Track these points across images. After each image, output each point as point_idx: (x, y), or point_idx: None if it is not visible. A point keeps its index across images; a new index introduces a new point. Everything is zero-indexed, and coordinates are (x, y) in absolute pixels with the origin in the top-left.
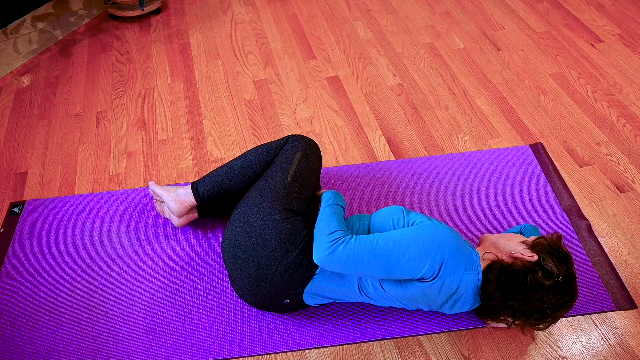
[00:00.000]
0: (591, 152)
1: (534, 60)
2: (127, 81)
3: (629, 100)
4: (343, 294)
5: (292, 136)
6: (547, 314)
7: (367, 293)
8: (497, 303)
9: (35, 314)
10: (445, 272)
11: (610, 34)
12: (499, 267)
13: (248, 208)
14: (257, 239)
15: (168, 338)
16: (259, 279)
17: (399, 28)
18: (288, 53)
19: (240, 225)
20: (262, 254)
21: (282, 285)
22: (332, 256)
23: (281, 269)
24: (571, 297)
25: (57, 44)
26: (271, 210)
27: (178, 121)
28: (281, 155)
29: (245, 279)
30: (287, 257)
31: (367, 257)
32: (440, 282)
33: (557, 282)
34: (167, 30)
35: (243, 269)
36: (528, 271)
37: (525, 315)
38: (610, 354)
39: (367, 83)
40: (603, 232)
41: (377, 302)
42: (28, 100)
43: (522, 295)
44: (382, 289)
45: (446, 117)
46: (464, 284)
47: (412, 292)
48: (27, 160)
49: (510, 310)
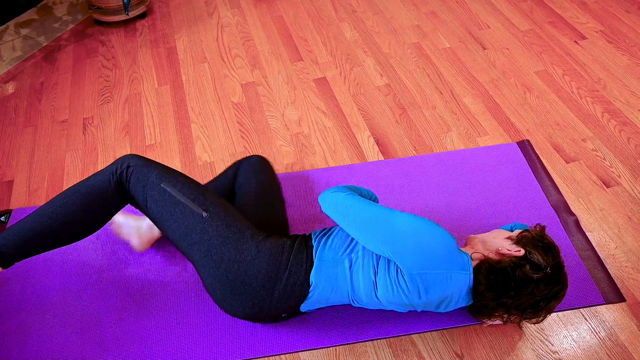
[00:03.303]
0: (577, 148)
1: (519, 58)
2: (114, 86)
3: (613, 96)
4: (337, 302)
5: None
6: (540, 306)
7: (360, 302)
8: (489, 302)
9: (24, 322)
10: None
11: (593, 31)
12: (487, 266)
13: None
14: (242, 284)
15: (159, 344)
16: (257, 314)
17: (385, 28)
18: (275, 55)
19: (218, 274)
20: (254, 295)
21: (281, 309)
22: (325, 195)
23: (276, 298)
24: (562, 287)
25: (41, 50)
26: (241, 246)
27: (166, 126)
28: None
29: (243, 314)
30: (279, 285)
31: (353, 211)
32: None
33: (546, 273)
34: (153, 34)
35: (240, 309)
36: (516, 266)
37: (520, 310)
38: (601, 347)
39: (355, 84)
40: (590, 227)
41: (370, 307)
42: (13, 107)
43: (513, 291)
44: (377, 299)
45: (434, 116)
46: (457, 285)
47: (409, 301)
48: (13, 168)
49: (504, 307)
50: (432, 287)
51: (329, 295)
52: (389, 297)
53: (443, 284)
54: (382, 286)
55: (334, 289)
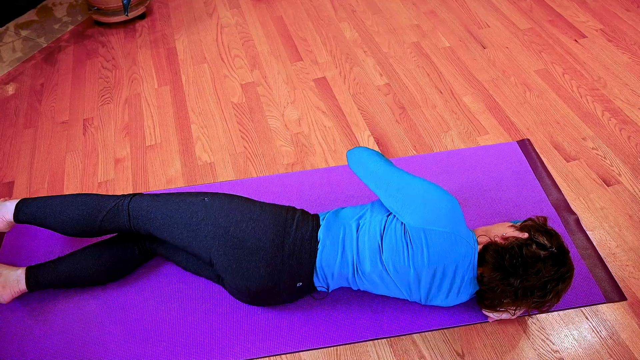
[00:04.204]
0: (577, 146)
1: (518, 57)
2: (114, 87)
3: (613, 95)
4: (343, 274)
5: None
6: (548, 288)
7: (363, 273)
8: (497, 283)
9: (24, 324)
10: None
11: (593, 29)
12: (494, 247)
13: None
14: (252, 241)
15: (160, 344)
16: (272, 276)
17: (385, 28)
18: (275, 55)
19: (232, 246)
20: (266, 252)
21: (295, 274)
22: (354, 149)
23: (287, 253)
24: (568, 269)
25: (41, 52)
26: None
27: (166, 126)
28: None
29: (259, 280)
30: (287, 239)
31: (374, 166)
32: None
33: (552, 252)
34: (153, 35)
35: (255, 275)
36: (523, 245)
37: (528, 292)
38: (602, 346)
39: (355, 84)
40: (591, 225)
41: (373, 283)
42: (13, 109)
43: (521, 269)
44: (381, 264)
45: (434, 116)
46: (461, 252)
47: (413, 263)
48: (14, 169)
49: (511, 288)
50: (435, 245)
51: (335, 261)
52: (393, 258)
53: (446, 244)
54: (387, 247)
55: (340, 253)
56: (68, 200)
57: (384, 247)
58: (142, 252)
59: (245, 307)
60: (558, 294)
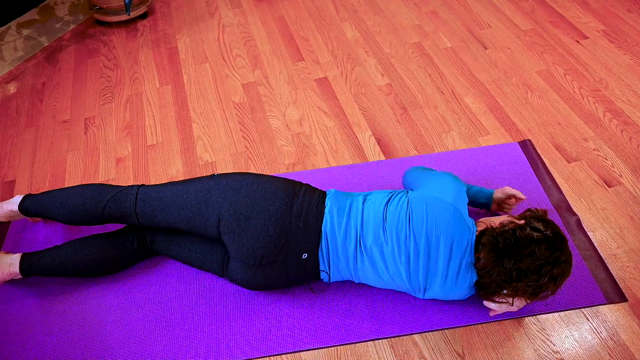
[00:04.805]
0: (579, 147)
1: (520, 58)
2: (115, 86)
3: (615, 96)
4: (347, 243)
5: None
6: (543, 272)
7: (364, 246)
8: (492, 266)
9: (26, 323)
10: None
11: (595, 30)
12: (490, 231)
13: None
14: (262, 199)
15: (160, 344)
16: (280, 233)
17: (387, 28)
18: (276, 55)
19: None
20: (275, 209)
21: (301, 239)
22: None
23: (295, 213)
24: (564, 254)
25: (43, 51)
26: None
27: (167, 126)
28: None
29: (268, 239)
30: (296, 200)
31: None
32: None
33: (547, 235)
34: (154, 34)
35: (263, 233)
36: (517, 228)
37: (522, 275)
38: (602, 347)
39: (356, 84)
40: (592, 226)
41: (373, 265)
42: (15, 108)
43: (514, 250)
44: (382, 235)
45: (435, 116)
46: (459, 227)
47: (412, 230)
48: (15, 168)
49: (505, 270)
50: (434, 213)
51: (340, 229)
52: (395, 226)
53: (446, 214)
54: (391, 215)
55: (345, 222)
56: (75, 187)
57: (387, 216)
58: (141, 247)
59: (246, 307)
60: (554, 280)
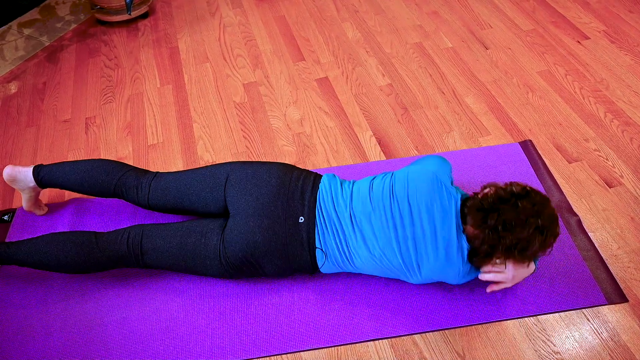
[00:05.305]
0: (580, 148)
1: (521, 58)
2: (116, 86)
3: (616, 96)
4: (339, 210)
5: None
6: (528, 223)
7: (354, 216)
8: (479, 225)
9: (26, 322)
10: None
11: (596, 30)
12: (474, 196)
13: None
14: (266, 174)
15: (160, 344)
16: (280, 186)
17: (388, 28)
18: (277, 55)
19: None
20: (277, 179)
21: (300, 192)
22: None
23: (294, 179)
24: (545, 207)
25: (44, 50)
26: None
27: (168, 125)
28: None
29: (270, 188)
30: (296, 172)
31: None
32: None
33: (528, 190)
34: (155, 34)
35: (267, 183)
36: (499, 189)
37: (507, 226)
38: (603, 348)
39: (357, 84)
40: (593, 227)
41: (364, 239)
42: (15, 107)
43: (497, 204)
44: (370, 204)
45: (436, 116)
46: (444, 194)
47: (397, 196)
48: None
49: (491, 227)
50: (415, 181)
51: (334, 198)
52: (379, 194)
53: (425, 182)
54: (376, 186)
55: (338, 197)
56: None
57: (373, 188)
58: (130, 245)
59: (246, 307)
60: (541, 233)
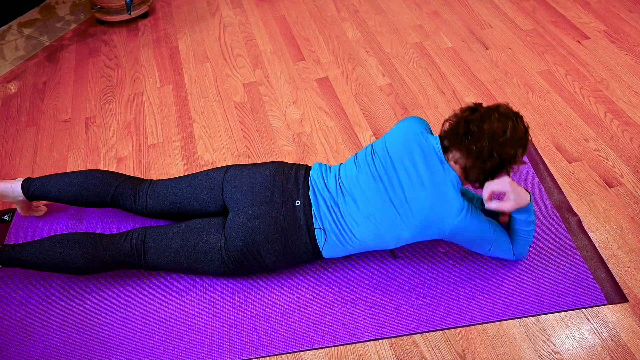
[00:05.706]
0: (580, 148)
1: (521, 58)
2: (116, 86)
3: (616, 96)
4: (333, 191)
5: None
6: (490, 115)
7: (343, 186)
8: (459, 141)
9: (26, 322)
10: None
11: (596, 30)
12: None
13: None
14: (263, 166)
15: (160, 344)
16: (275, 173)
17: (388, 28)
18: (277, 55)
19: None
20: (272, 165)
21: (294, 177)
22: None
23: (287, 168)
24: (518, 115)
25: (44, 50)
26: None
27: (168, 125)
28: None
29: (267, 171)
30: (289, 165)
31: None
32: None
33: (499, 104)
34: (155, 34)
35: (265, 168)
36: (454, 114)
37: (490, 134)
38: (603, 348)
39: (357, 84)
40: (593, 227)
41: (353, 197)
42: (15, 107)
43: (474, 117)
44: (355, 166)
45: (436, 116)
46: (424, 136)
47: (385, 143)
48: (16, 167)
49: (459, 134)
50: (390, 136)
51: (324, 182)
52: (362, 157)
53: (400, 133)
54: (360, 153)
55: (329, 177)
56: (82, 171)
57: (358, 155)
58: (133, 244)
59: (246, 306)
60: (508, 117)
